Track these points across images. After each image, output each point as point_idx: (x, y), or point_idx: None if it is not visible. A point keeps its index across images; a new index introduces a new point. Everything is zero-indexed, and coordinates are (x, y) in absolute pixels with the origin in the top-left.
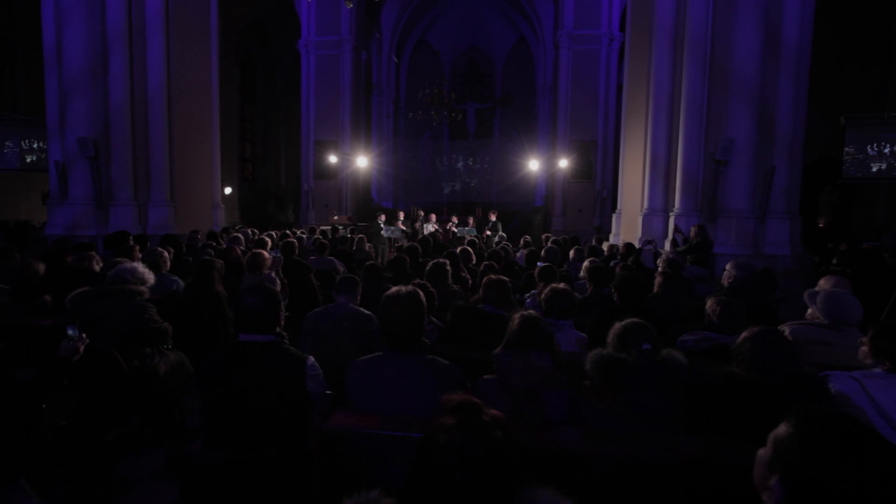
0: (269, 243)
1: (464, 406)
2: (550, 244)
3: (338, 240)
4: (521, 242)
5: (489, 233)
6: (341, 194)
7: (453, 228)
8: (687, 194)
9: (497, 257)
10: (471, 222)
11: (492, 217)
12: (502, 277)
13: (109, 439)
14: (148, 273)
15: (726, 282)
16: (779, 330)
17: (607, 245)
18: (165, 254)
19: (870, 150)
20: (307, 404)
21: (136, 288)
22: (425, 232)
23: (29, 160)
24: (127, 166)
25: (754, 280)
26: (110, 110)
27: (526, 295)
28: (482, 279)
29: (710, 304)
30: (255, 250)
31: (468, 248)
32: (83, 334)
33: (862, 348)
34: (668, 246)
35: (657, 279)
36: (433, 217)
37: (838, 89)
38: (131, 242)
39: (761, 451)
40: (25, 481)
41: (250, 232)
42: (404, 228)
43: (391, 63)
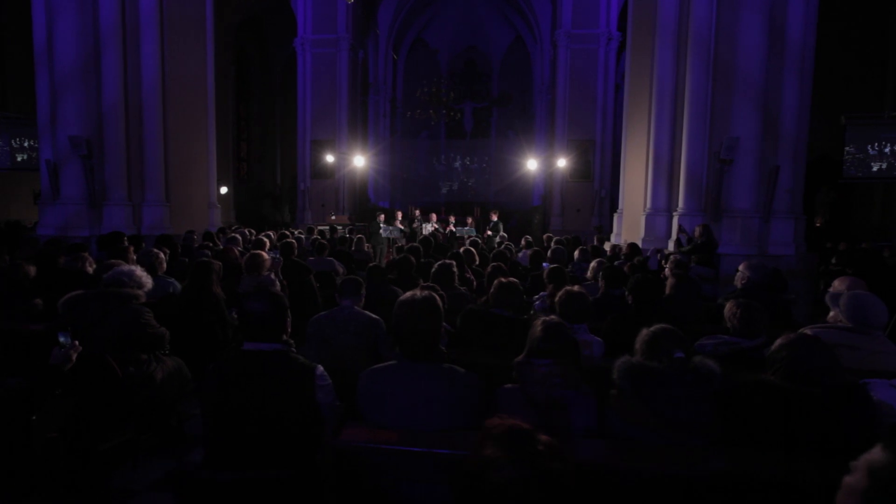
0: (268, 244)
1: (514, 434)
2: (555, 244)
3: (336, 240)
4: (523, 242)
5: (490, 233)
6: (338, 194)
7: (451, 228)
8: (691, 194)
9: (503, 258)
10: (469, 222)
11: (493, 217)
12: (513, 280)
13: (104, 449)
14: (146, 276)
15: (739, 283)
16: (817, 336)
17: (609, 245)
18: (161, 255)
19: (870, 149)
20: (317, 417)
21: (133, 292)
22: (424, 232)
23: (20, 159)
24: (120, 165)
25: (769, 281)
26: (103, 108)
27: (535, 297)
28: (489, 281)
29: (730, 307)
30: (254, 251)
31: (471, 249)
32: (76, 341)
33: None
34: (671, 246)
35: (669, 281)
36: (433, 217)
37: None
38: (126, 243)
39: (849, 479)
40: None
41: (248, 232)
42: (403, 228)
43: (388, 62)
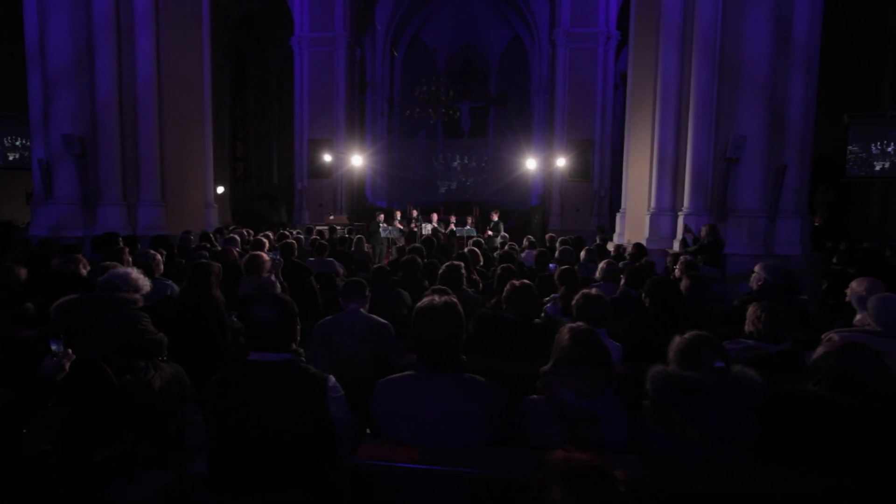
0: (267, 244)
1: (588, 474)
2: (559, 244)
3: (336, 240)
4: (525, 242)
5: (490, 233)
6: (336, 194)
7: (451, 227)
8: (696, 193)
9: (510, 259)
10: (469, 222)
11: (494, 217)
12: (527, 282)
13: (99, 461)
14: (142, 279)
15: (755, 284)
16: (866, 344)
17: (612, 245)
18: (158, 257)
19: (873, 148)
20: (330, 433)
21: (129, 296)
22: (424, 232)
23: (11, 158)
24: (115, 164)
25: (785, 282)
26: (97, 106)
27: (546, 299)
28: (499, 283)
29: (753, 310)
30: (254, 252)
31: (475, 250)
32: (69, 349)
33: None
34: (676, 246)
35: (683, 282)
36: (434, 217)
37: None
38: (121, 244)
39: None
40: None
41: (246, 233)
42: (402, 228)
43: (385, 60)
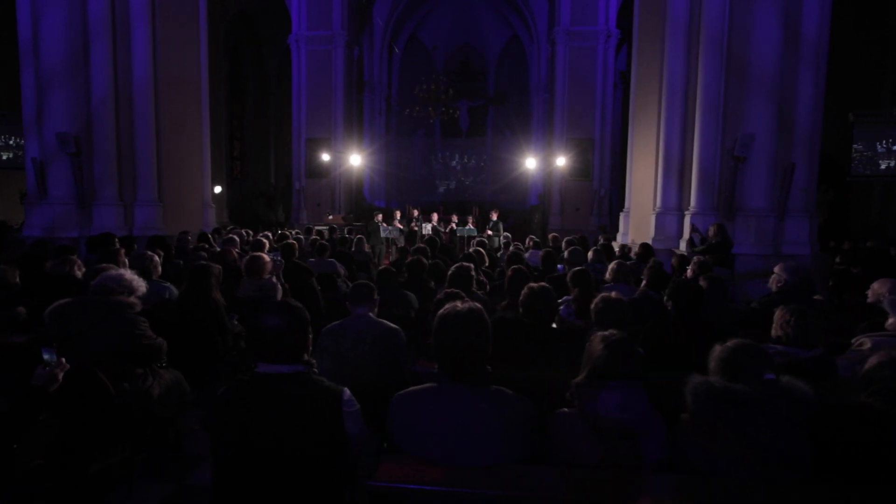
0: (267, 245)
1: None
2: (565, 244)
3: (337, 240)
4: (529, 242)
5: (490, 232)
6: (334, 193)
7: (452, 227)
8: (703, 192)
9: (518, 259)
10: (470, 222)
11: (493, 216)
12: (545, 285)
13: (95, 472)
14: (137, 281)
15: (775, 286)
16: None
17: (617, 245)
18: (156, 258)
19: (879, 147)
20: (346, 450)
21: (126, 299)
22: (424, 232)
23: (5, 157)
24: (111, 163)
25: (805, 284)
26: (92, 104)
27: (558, 301)
28: (511, 285)
29: (782, 314)
30: (255, 253)
31: (480, 250)
32: (62, 358)
33: None
34: (683, 246)
35: (701, 283)
36: (434, 216)
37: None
38: (117, 245)
39: None
40: None
41: (244, 233)
42: (402, 228)
43: (383, 59)
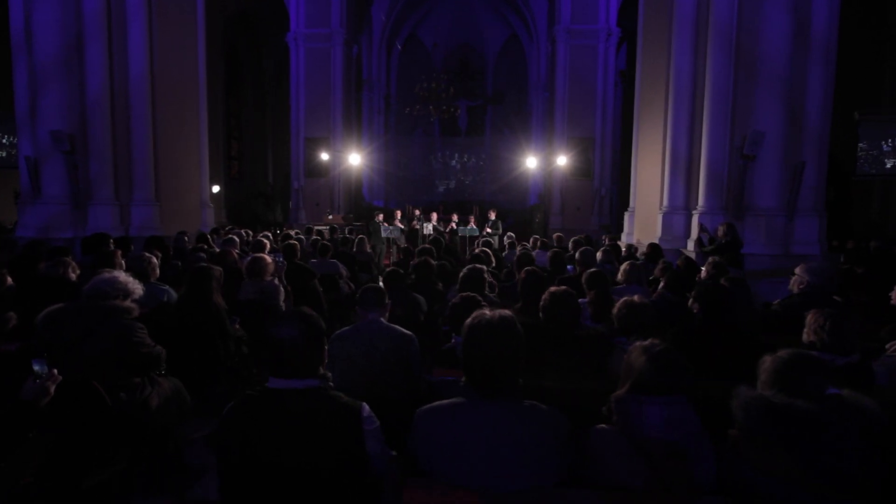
0: (268, 245)
1: None
2: (572, 244)
3: (339, 241)
4: (534, 242)
5: (489, 230)
6: (333, 193)
7: (452, 226)
8: (711, 191)
9: (529, 260)
10: (472, 221)
11: (491, 216)
12: (568, 289)
13: (88, 487)
14: (133, 283)
15: (796, 287)
16: None
17: (623, 245)
18: (154, 260)
19: (884, 145)
20: (367, 473)
21: (122, 304)
22: (425, 231)
23: None
24: (107, 162)
25: (829, 285)
26: (87, 101)
27: None
28: (524, 287)
29: (815, 318)
30: (256, 255)
31: (486, 250)
32: (53, 370)
33: None
34: (691, 245)
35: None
36: (434, 216)
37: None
38: (112, 246)
39: None
40: None
41: (244, 233)
42: (403, 228)
43: (382, 58)
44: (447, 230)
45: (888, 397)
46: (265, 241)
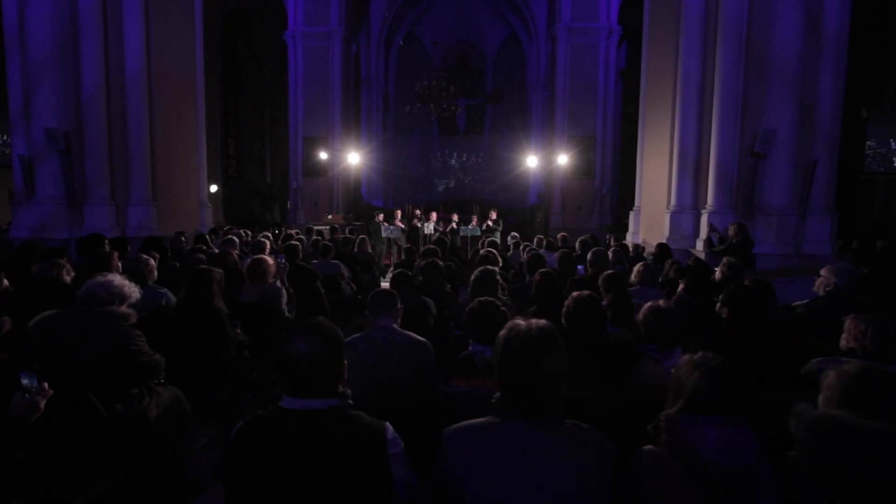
0: (268, 246)
1: None
2: (579, 244)
3: (340, 241)
4: (538, 242)
5: (490, 223)
6: (332, 192)
7: (452, 226)
8: (721, 190)
9: (541, 262)
10: (474, 221)
11: (492, 215)
12: (592, 294)
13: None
14: (129, 287)
15: (822, 290)
16: None
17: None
18: (152, 262)
19: (893, 143)
20: (393, 500)
21: (119, 309)
22: (426, 231)
23: None
24: (102, 161)
25: (856, 287)
26: (82, 98)
27: None
28: (538, 290)
29: (856, 324)
30: (257, 256)
31: (492, 251)
32: (44, 383)
33: None
34: (699, 245)
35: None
36: (433, 216)
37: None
38: (107, 247)
39: None
40: None
41: (243, 233)
42: (403, 227)
43: (380, 57)
44: (447, 230)
45: None
46: (265, 241)
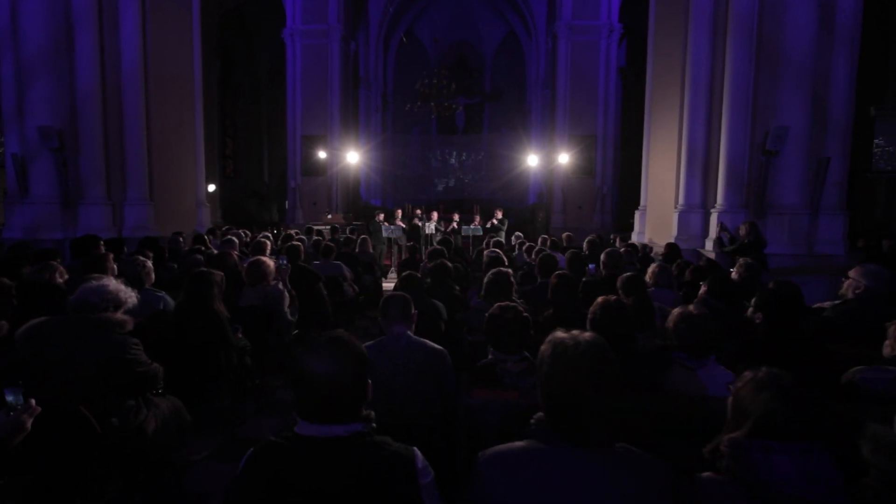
0: (269, 247)
1: None
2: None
3: (341, 241)
4: (543, 242)
5: (495, 222)
6: (330, 192)
7: (454, 226)
8: (731, 188)
9: (554, 264)
10: (476, 220)
11: (498, 214)
12: (620, 300)
13: None
14: (125, 292)
15: (851, 292)
16: None
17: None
18: (149, 264)
19: None
20: None
21: (114, 316)
22: (427, 231)
23: None
24: (98, 160)
25: (888, 290)
26: (77, 96)
27: None
28: (554, 293)
29: None
30: (257, 257)
31: (498, 251)
32: (31, 400)
33: None
34: (709, 245)
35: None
36: (434, 215)
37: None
38: (102, 248)
39: None
40: None
41: (243, 234)
42: (404, 227)
43: (379, 55)
44: (448, 230)
45: None
46: (266, 241)
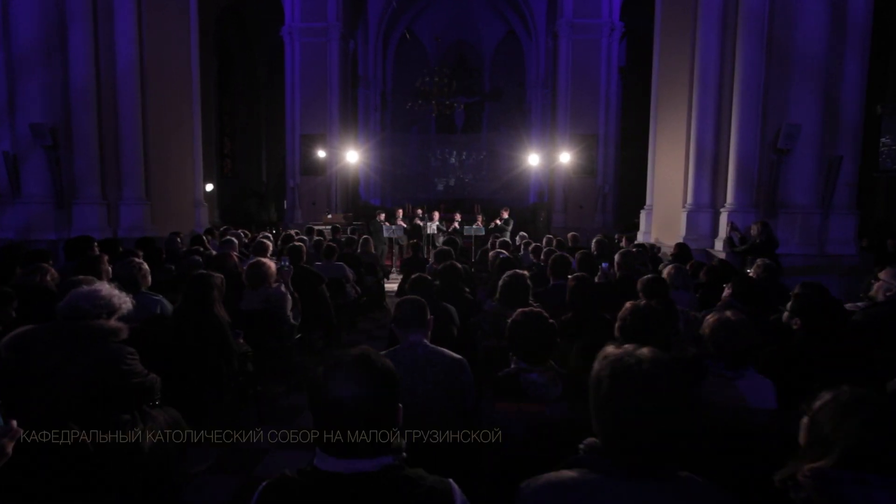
0: (270, 248)
1: None
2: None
3: (343, 241)
4: (548, 242)
5: (500, 221)
6: (330, 191)
7: (455, 226)
8: (741, 188)
9: (567, 265)
10: (479, 221)
11: (504, 214)
12: (653, 305)
13: None
14: (119, 297)
15: (881, 294)
16: None
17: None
18: (145, 266)
19: None
20: None
21: (107, 324)
22: (428, 230)
23: None
24: (93, 158)
25: None
26: (71, 93)
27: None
28: (572, 297)
29: None
30: (257, 259)
31: (504, 252)
32: (12, 422)
33: None
34: (719, 245)
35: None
36: (436, 215)
37: None
38: (96, 249)
39: None
40: None
41: (242, 234)
42: (405, 227)
43: (378, 54)
44: (450, 230)
45: None
46: (267, 242)
